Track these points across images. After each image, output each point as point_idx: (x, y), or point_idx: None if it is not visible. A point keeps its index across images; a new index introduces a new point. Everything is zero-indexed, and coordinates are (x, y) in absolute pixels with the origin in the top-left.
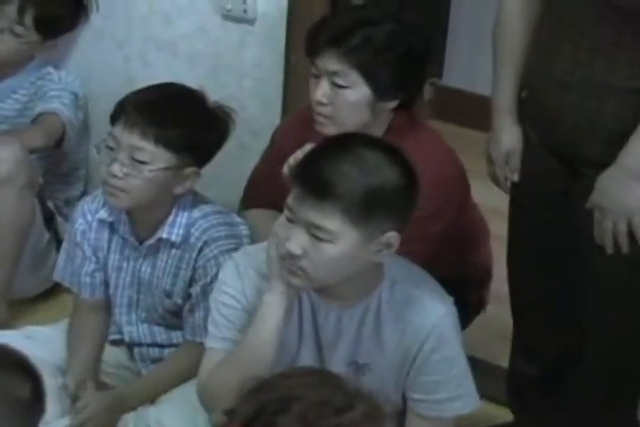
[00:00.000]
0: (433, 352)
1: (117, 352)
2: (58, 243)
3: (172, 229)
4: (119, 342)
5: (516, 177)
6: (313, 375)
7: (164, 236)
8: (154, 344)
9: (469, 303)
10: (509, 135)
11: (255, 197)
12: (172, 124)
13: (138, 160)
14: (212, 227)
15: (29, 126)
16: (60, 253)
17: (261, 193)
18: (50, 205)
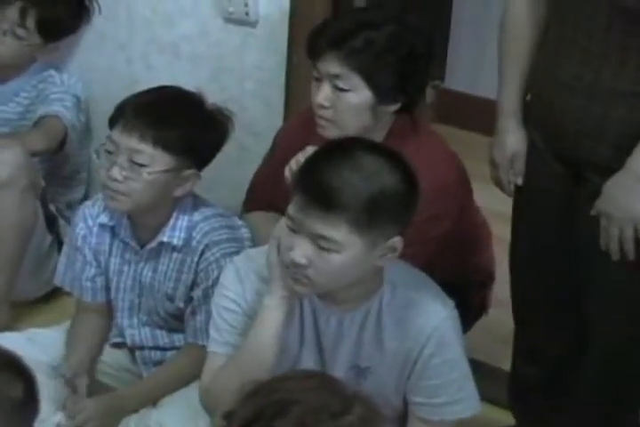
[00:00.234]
0: (433, 356)
1: (119, 355)
2: (60, 246)
3: (173, 233)
4: (121, 345)
5: (519, 180)
6: (311, 379)
7: (165, 239)
8: (156, 347)
9: (472, 306)
10: (514, 138)
11: (257, 199)
12: (170, 127)
13: (137, 163)
14: (214, 230)
15: (31, 129)
16: (61, 258)
17: (263, 196)
18: (52, 207)
